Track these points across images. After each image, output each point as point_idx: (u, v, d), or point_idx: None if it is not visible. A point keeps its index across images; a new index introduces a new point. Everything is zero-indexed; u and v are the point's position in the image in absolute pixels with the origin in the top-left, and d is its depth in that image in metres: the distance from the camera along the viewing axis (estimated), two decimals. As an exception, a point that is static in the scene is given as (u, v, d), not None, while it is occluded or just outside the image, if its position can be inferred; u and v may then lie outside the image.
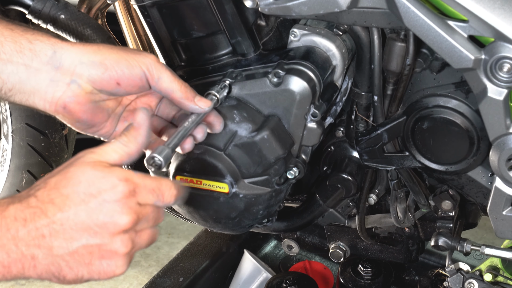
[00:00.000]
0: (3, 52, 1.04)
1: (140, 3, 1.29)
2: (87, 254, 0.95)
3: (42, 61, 1.06)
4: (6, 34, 1.05)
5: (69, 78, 1.06)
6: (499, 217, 1.25)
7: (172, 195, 1.01)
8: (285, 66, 1.25)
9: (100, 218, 0.94)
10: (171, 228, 2.66)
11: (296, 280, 1.87)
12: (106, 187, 0.94)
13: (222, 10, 1.26)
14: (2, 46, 1.05)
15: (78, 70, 1.06)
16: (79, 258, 0.95)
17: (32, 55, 1.05)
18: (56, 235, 0.93)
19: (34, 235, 0.92)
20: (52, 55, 1.06)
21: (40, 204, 0.93)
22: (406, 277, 1.98)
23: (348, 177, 1.49)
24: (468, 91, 1.25)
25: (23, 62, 1.05)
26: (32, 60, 1.06)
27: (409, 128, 1.32)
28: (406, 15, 1.13)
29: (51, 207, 0.93)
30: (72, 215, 0.93)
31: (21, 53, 1.05)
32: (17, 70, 1.06)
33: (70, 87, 1.07)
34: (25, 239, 0.92)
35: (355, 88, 1.37)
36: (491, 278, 1.47)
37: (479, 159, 1.30)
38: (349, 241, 1.72)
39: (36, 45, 1.06)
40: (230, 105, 1.26)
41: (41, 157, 2.05)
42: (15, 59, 1.05)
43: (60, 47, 1.06)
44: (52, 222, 0.93)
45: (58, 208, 0.93)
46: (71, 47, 1.07)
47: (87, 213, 0.94)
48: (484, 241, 1.47)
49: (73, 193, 0.94)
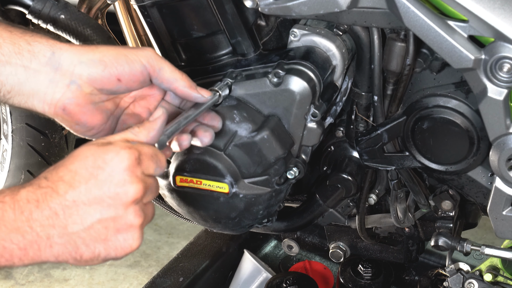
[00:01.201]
0: (1, 53, 1.04)
1: (140, 3, 1.29)
2: (103, 229, 0.95)
3: (41, 62, 1.06)
4: (4, 36, 1.05)
5: (69, 79, 1.06)
6: (499, 217, 1.25)
7: (164, 161, 1.01)
8: (285, 66, 1.25)
9: (111, 189, 0.94)
10: (171, 228, 2.66)
11: (296, 280, 1.87)
12: (111, 156, 0.94)
13: (222, 10, 1.26)
14: (0, 47, 1.04)
15: (78, 70, 1.06)
16: (95, 234, 0.95)
17: (31, 57, 1.05)
18: (69, 212, 0.93)
19: (48, 214, 0.92)
20: (51, 56, 1.06)
21: (51, 183, 0.94)
22: (406, 277, 1.98)
23: (348, 177, 1.49)
24: (468, 91, 1.25)
25: (21, 63, 1.05)
26: (31, 62, 1.05)
27: (409, 128, 1.32)
28: (406, 15, 1.13)
29: (62, 185, 0.93)
30: (83, 190, 0.93)
31: (20, 55, 1.05)
32: (16, 71, 1.05)
33: (69, 88, 1.06)
34: (39, 220, 0.92)
35: (355, 88, 1.37)
36: (491, 278, 1.47)
37: (479, 159, 1.30)
38: (349, 241, 1.72)
39: (35, 47, 1.05)
40: (230, 105, 1.26)
41: (41, 157, 2.05)
42: (13, 61, 1.05)
43: (59, 48, 1.06)
44: (64, 199, 0.93)
45: (68, 184, 0.93)
46: (70, 48, 1.07)
47: (98, 186, 0.94)
48: (484, 241, 1.47)
49: (81, 168, 0.94)
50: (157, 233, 2.64)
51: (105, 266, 2.48)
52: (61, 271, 2.45)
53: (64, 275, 2.44)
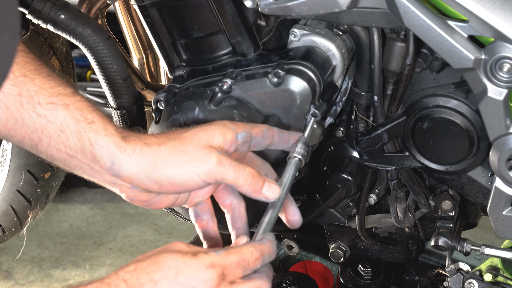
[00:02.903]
0: (68, 146, 1.07)
1: (140, 3, 1.29)
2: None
3: (103, 167, 1.07)
4: (71, 126, 1.06)
5: (130, 184, 1.08)
6: (499, 217, 1.25)
7: (256, 259, 1.01)
8: (285, 66, 1.25)
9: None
10: (171, 228, 2.66)
11: (296, 280, 1.87)
12: (194, 275, 0.95)
13: (222, 10, 1.26)
14: (68, 140, 1.06)
15: (137, 182, 1.07)
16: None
17: (93, 159, 1.07)
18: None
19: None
20: (111, 166, 1.06)
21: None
22: (406, 277, 1.97)
23: (348, 177, 1.49)
24: (468, 91, 1.25)
25: (86, 162, 1.07)
26: (94, 163, 1.07)
27: (409, 128, 1.32)
28: (406, 15, 1.13)
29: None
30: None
31: (84, 154, 1.07)
32: (81, 166, 1.08)
33: (132, 190, 1.09)
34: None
35: (355, 88, 1.37)
36: (491, 278, 1.47)
37: (479, 159, 1.30)
38: (349, 241, 1.72)
39: (96, 151, 1.06)
40: (230, 105, 1.26)
41: (41, 157, 2.05)
42: (79, 157, 1.07)
43: (118, 159, 1.06)
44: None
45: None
46: (128, 160, 1.06)
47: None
48: (484, 241, 1.47)
49: (162, 279, 0.95)
50: (157, 233, 2.64)
51: (105, 266, 2.48)
52: (61, 271, 2.45)
53: (64, 275, 2.44)
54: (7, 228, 2.24)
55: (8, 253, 2.54)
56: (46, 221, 2.71)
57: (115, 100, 1.54)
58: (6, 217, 2.21)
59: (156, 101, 1.31)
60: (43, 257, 2.55)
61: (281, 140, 1.17)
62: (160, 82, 2.20)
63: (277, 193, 1.09)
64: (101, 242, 2.62)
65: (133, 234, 2.63)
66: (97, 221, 2.73)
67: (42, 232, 2.66)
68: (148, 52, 2.18)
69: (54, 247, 2.59)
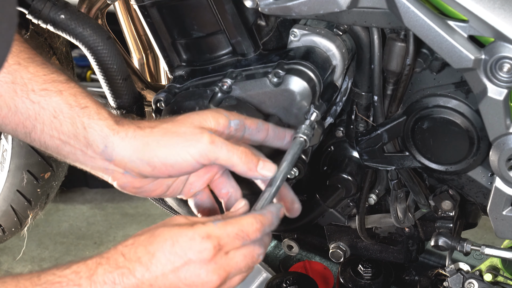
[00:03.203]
0: (61, 132, 1.07)
1: (140, 3, 1.29)
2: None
3: (96, 151, 1.07)
4: (65, 111, 1.07)
5: (123, 169, 1.08)
6: (499, 217, 1.25)
7: (257, 230, 1.01)
8: (285, 66, 1.25)
9: (188, 278, 0.95)
10: (171, 228, 2.66)
11: (296, 280, 1.87)
12: (189, 245, 0.95)
13: (222, 10, 1.26)
14: (61, 125, 1.07)
15: (129, 165, 1.07)
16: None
17: (86, 143, 1.07)
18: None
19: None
20: (104, 149, 1.07)
21: (128, 263, 0.95)
22: (406, 277, 1.97)
23: (348, 177, 1.49)
24: (468, 91, 1.25)
25: (79, 147, 1.08)
26: (87, 148, 1.07)
27: (409, 128, 1.32)
28: (406, 15, 1.13)
29: (139, 267, 0.95)
30: (160, 275, 0.95)
31: (77, 139, 1.07)
32: (74, 152, 1.08)
33: (124, 176, 1.09)
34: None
35: (355, 88, 1.37)
36: (491, 278, 1.47)
37: (479, 159, 1.30)
38: (349, 241, 1.72)
39: (90, 134, 1.07)
40: (230, 105, 1.26)
41: (41, 157, 2.05)
42: (72, 142, 1.07)
43: (111, 142, 1.07)
44: (141, 282, 0.94)
45: (145, 267, 0.95)
46: (121, 142, 1.07)
47: (175, 273, 0.95)
48: (484, 241, 1.47)
49: (159, 251, 0.95)
50: (157, 233, 2.63)
51: (105, 266, 2.48)
52: (61, 271, 2.45)
53: (64, 275, 2.43)
54: (7, 228, 2.24)
55: (8, 253, 2.54)
56: (46, 221, 2.71)
57: (115, 100, 1.54)
58: (6, 217, 2.20)
59: (156, 101, 1.31)
60: (43, 257, 2.55)
61: (276, 136, 1.16)
62: (160, 82, 2.20)
63: (272, 170, 1.08)
64: (101, 242, 2.62)
65: (133, 234, 2.62)
66: (97, 221, 2.73)
67: (42, 232, 2.67)
68: (148, 52, 2.18)
69: (54, 247, 2.59)
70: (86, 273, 0.94)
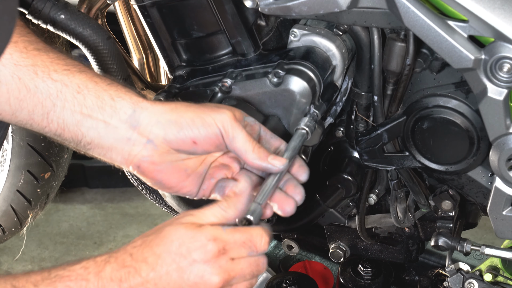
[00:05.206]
0: (84, 105, 1.06)
1: (140, 3, 1.29)
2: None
3: (121, 119, 1.07)
4: (90, 87, 1.07)
5: (146, 138, 1.07)
6: (499, 217, 1.25)
7: (265, 242, 1.01)
8: (285, 66, 1.25)
9: (191, 278, 0.97)
10: (171, 228, 2.66)
11: (296, 280, 1.87)
12: (195, 247, 0.96)
13: (222, 10, 1.26)
14: (84, 99, 1.06)
15: (155, 130, 1.06)
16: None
17: (112, 112, 1.07)
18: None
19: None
20: (132, 113, 1.07)
21: (134, 263, 0.97)
22: (406, 277, 1.97)
23: (348, 177, 1.49)
24: (468, 91, 1.25)
25: (103, 118, 1.07)
26: (111, 117, 1.07)
27: (409, 128, 1.32)
28: (406, 15, 1.13)
29: (145, 266, 0.97)
30: (164, 274, 0.97)
31: (102, 109, 1.06)
32: (96, 125, 1.07)
33: (145, 147, 1.07)
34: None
35: (355, 88, 1.37)
36: (491, 278, 1.47)
37: (479, 159, 1.30)
38: (349, 241, 1.72)
39: (118, 103, 1.07)
40: (230, 105, 1.25)
41: (41, 157, 2.05)
42: (95, 115, 1.07)
43: (140, 106, 1.07)
44: (146, 281, 0.96)
45: (151, 267, 0.97)
46: (150, 106, 1.07)
47: (178, 273, 0.97)
48: (484, 241, 1.47)
49: (165, 252, 0.97)
50: (157, 233, 2.63)
51: (105, 266, 2.47)
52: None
53: (64, 275, 2.43)
54: (7, 228, 2.24)
55: (8, 253, 2.54)
56: (46, 221, 2.71)
57: (115, 100, 1.54)
58: (6, 217, 2.20)
59: (156, 101, 1.31)
60: (43, 257, 2.55)
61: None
62: (160, 82, 2.20)
63: (283, 162, 1.09)
64: (101, 242, 2.62)
65: (133, 234, 2.62)
66: (97, 221, 2.73)
67: (42, 232, 2.66)
68: (148, 52, 2.18)
69: (54, 247, 2.59)
70: (94, 269, 0.97)
